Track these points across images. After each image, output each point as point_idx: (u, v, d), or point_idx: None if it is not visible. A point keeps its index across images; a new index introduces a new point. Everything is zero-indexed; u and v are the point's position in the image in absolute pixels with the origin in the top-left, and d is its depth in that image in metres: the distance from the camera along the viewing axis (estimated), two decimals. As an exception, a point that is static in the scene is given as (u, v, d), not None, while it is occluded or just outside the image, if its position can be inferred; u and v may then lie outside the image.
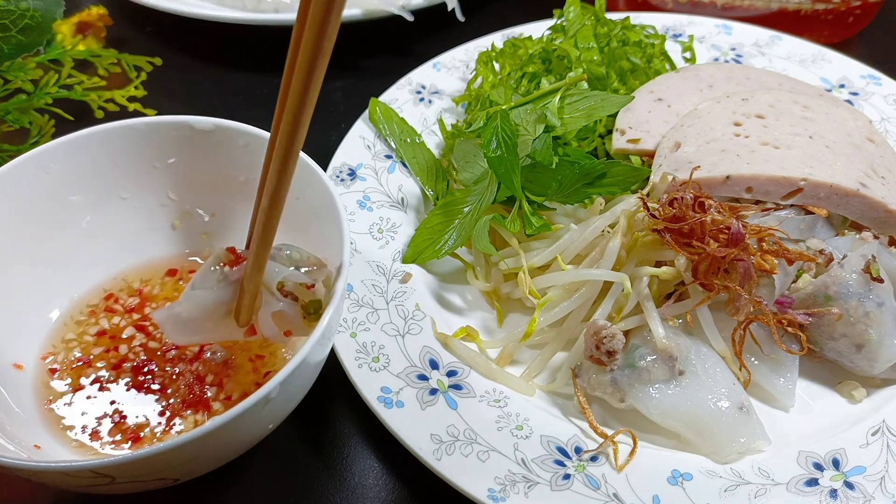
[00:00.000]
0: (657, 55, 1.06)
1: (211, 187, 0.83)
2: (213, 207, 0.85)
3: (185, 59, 1.30)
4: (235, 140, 0.78)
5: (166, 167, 0.82)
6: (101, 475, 0.55)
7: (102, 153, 0.79)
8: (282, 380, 0.59)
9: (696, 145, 0.90)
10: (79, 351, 0.77)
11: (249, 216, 0.79)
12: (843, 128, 0.91)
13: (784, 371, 0.77)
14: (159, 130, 0.79)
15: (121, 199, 0.82)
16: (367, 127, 1.02)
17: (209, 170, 0.81)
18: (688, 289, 0.77)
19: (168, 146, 0.80)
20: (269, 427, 0.67)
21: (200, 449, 0.58)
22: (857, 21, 1.23)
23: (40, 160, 0.76)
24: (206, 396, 0.73)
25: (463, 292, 0.88)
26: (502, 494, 0.67)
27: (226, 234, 0.85)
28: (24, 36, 0.98)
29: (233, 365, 0.76)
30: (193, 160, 0.81)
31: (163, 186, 0.83)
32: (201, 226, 0.85)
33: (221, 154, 0.80)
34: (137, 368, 0.75)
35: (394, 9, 1.20)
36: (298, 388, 0.67)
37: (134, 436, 0.70)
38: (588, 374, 0.75)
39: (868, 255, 0.78)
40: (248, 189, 0.79)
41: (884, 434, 0.73)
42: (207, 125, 0.78)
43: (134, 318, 0.80)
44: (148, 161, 0.81)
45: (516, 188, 0.84)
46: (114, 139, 0.79)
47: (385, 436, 0.73)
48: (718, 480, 0.69)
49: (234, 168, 0.80)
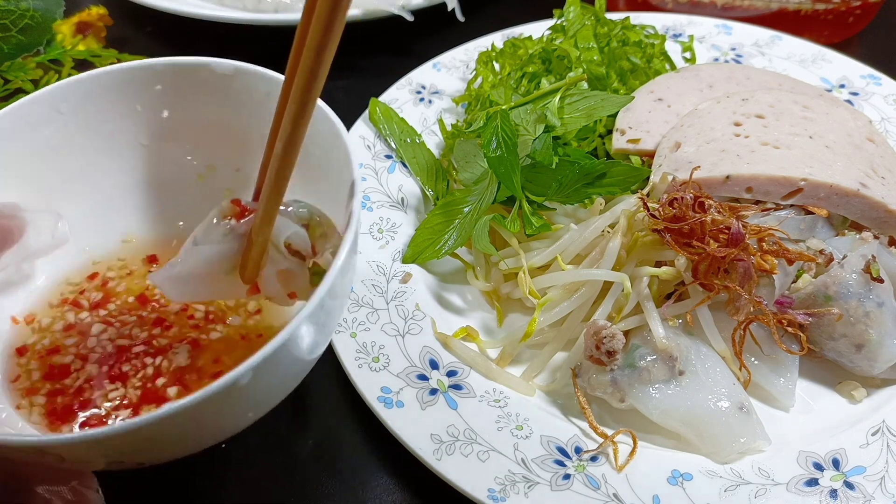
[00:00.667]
0: (657, 55, 1.06)
1: (233, 139, 0.77)
2: (236, 162, 0.78)
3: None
4: (257, 87, 0.72)
5: (187, 113, 0.77)
6: (48, 454, 0.52)
7: (123, 93, 0.74)
8: (255, 365, 0.52)
9: (696, 145, 0.90)
10: (62, 320, 0.74)
11: None
12: (843, 128, 0.91)
13: (784, 371, 0.77)
14: (179, 72, 0.74)
15: (141, 145, 0.78)
16: (367, 127, 1.02)
17: (230, 119, 0.76)
18: (688, 289, 0.77)
19: (188, 90, 0.75)
20: (249, 416, 0.61)
21: (157, 434, 0.53)
22: (858, 21, 1.23)
23: (53, 99, 0.72)
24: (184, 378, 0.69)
25: (463, 292, 0.88)
26: (502, 494, 0.67)
27: (250, 191, 0.79)
28: (25, 36, 0.98)
29: (226, 340, 0.72)
30: (214, 108, 0.76)
31: (184, 135, 0.78)
32: (224, 181, 0.80)
33: (243, 102, 0.74)
34: (120, 345, 0.73)
35: (394, 9, 1.20)
36: (281, 376, 0.60)
37: (99, 419, 0.68)
38: (588, 374, 0.75)
39: (868, 255, 0.78)
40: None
41: (884, 434, 0.73)
42: (228, 68, 0.73)
43: (134, 283, 0.77)
44: (168, 105, 0.76)
45: (516, 188, 0.84)
46: (133, 79, 0.74)
47: (385, 436, 0.73)
48: (718, 480, 0.69)
49: (256, 119, 0.73)
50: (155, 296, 0.78)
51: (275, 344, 0.53)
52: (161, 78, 0.74)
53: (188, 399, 0.51)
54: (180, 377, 0.71)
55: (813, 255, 0.79)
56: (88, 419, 0.69)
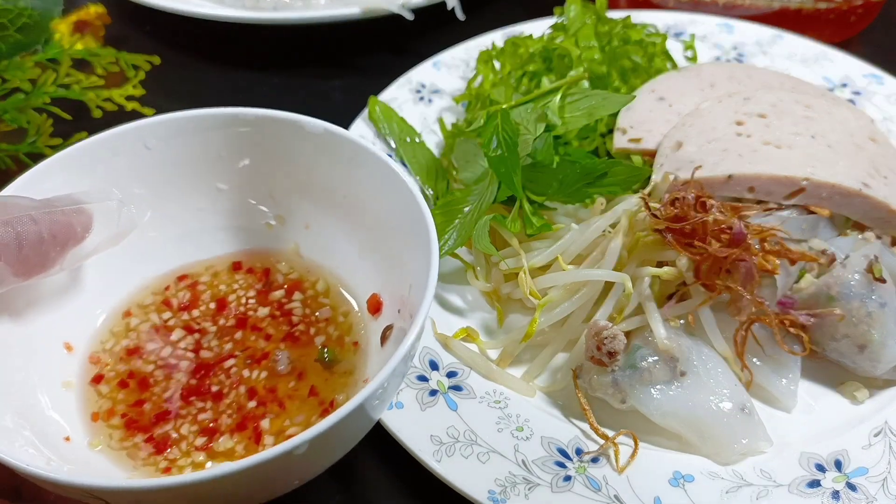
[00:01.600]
0: (658, 54, 1.06)
1: (309, 196, 0.78)
2: (306, 218, 0.79)
3: (183, 57, 1.29)
4: (342, 151, 0.73)
5: (268, 164, 0.78)
6: (94, 497, 0.53)
7: (207, 138, 0.76)
8: (312, 437, 0.51)
9: (698, 145, 0.89)
10: (127, 344, 0.73)
11: (343, 234, 0.77)
12: (845, 127, 0.91)
13: (786, 372, 0.76)
14: (267, 123, 0.75)
15: (218, 189, 0.79)
16: (367, 126, 1.02)
17: (309, 176, 0.77)
18: (689, 289, 0.77)
19: (273, 142, 0.76)
20: (295, 483, 0.60)
21: (198, 494, 0.53)
22: (860, 20, 1.22)
23: (141, 134, 0.74)
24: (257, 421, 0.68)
25: (463, 292, 0.88)
26: (502, 496, 0.67)
27: (315, 248, 0.80)
28: (22, 34, 0.97)
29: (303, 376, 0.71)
30: (296, 163, 0.76)
31: (262, 184, 0.79)
32: (293, 234, 0.81)
33: (324, 163, 0.75)
34: (189, 373, 0.71)
35: (393, 7, 1.19)
36: (339, 442, 0.59)
37: (162, 446, 0.66)
38: (589, 375, 0.75)
39: (871, 255, 0.77)
40: (347, 205, 0.76)
41: (886, 435, 0.72)
42: (317, 128, 0.73)
43: (190, 315, 0.76)
44: (250, 154, 0.77)
45: (517, 188, 0.84)
46: (222, 125, 0.75)
47: (385, 437, 0.72)
48: (720, 482, 0.69)
49: (335, 180, 0.75)
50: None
51: (335, 417, 0.53)
52: (249, 127, 0.76)
53: (221, 468, 0.50)
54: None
55: (815, 255, 0.79)
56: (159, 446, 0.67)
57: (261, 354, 0.73)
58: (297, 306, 0.77)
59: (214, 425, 0.68)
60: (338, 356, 0.72)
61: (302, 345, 0.74)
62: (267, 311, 0.77)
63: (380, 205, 0.72)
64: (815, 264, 0.80)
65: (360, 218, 0.76)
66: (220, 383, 0.71)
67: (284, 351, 0.73)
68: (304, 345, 0.74)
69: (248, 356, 0.73)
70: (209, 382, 0.71)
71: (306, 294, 0.78)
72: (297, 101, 1.20)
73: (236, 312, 0.77)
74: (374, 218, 0.74)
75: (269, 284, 0.79)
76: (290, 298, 0.78)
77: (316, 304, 0.77)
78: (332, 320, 0.76)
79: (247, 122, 0.75)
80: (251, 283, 0.79)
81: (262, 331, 0.75)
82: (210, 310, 0.77)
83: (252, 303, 0.78)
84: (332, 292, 0.78)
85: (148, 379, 0.71)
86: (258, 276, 0.80)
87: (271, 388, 0.70)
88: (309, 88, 1.22)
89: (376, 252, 0.75)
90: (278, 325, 0.76)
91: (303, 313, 0.77)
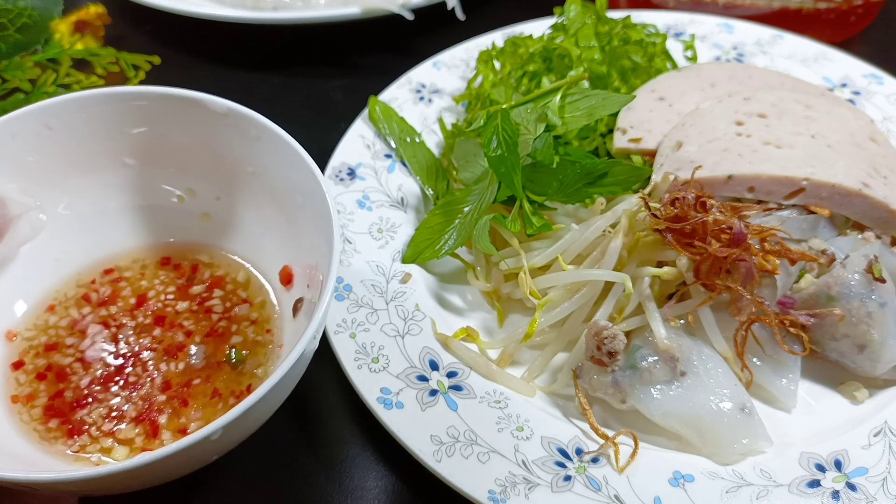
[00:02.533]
0: (658, 54, 1.06)
1: (218, 170, 0.80)
2: (217, 191, 0.82)
3: (183, 57, 1.29)
4: (248, 129, 0.75)
5: (174, 140, 0.79)
6: (20, 485, 0.55)
7: (111, 115, 0.77)
8: (225, 424, 0.55)
9: (698, 144, 0.89)
10: (46, 338, 0.76)
11: (254, 207, 0.79)
12: (845, 127, 0.91)
13: (786, 372, 0.76)
14: (171, 102, 0.76)
15: (125, 164, 0.80)
16: (367, 126, 1.02)
17: (217, 153, 0.78)
18: (689, 289, 0.77)
19: (178, 120, 0.77)
20: (213, 458, 0.64)
21: (121, 480, 0.56)
22: (859, 20, 1.22)
23: (42, 114, 0.74)
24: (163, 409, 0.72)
25: (463, 292, 0.88)
26: (503, 496, 0.67)
27: (229, 220, 0.83)
28: (22, 34, 0.97)
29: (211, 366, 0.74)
30: (204, 139, 0.78)
31: (170, 159, 0.80)
32: (204, 206, 0.83)
33: (231, 140, 0.77)
34: (107, 364, 0.74)
35: (394, 7, 1.19)
36: (252, 422, 0.63)
37: (74, 432, 0.70)
38: (589, 375, 0.75)
39: (870, 255, 0.77)
40: (255, 181, 0.78)
41: (886, 435, 0.72)
42: (221, 108, 0.75)
43: (108, 311, 0.79)
44: (156, 130, 0.78)
45: (517, 188, 0.84)
46: (125, 102, 0.76)
47: (385, 437, 0.72)
48: (720, 482, 0.69)
49: (242, 156, 0.77)
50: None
51: (245, 405, 0.56)
52: (153, 104, 0.77)
53: (157, 453, 0.54)
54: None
55: (815, 255, 0.79)
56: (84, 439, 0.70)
57: (176, 347, 0.76)
58: (217, 303, 0.80)
59: (121, 413, 0.71)
60: (245, 357, 0.75)
61: (219, 340, 0.77)
62: (186, 306, 0.79)
63: (284, 181, 0.74)
64: (815, 264, 0.80)
65: (269, 193, 0.78)
66: (136, 375, 0.74)
67: (201, 345, 0.76)
68: (221, 340, 0.77)
69: (164, 350, 0.76)
70: (124, 375, 0.74)
71: (226, 290, 0.81)
72: (298, 101, 1.21)
73: (155, 308, 0.79)
74: (281, 193, 0.76)
75: (191, 280, 0.82)
76: (211, 294, 0.80)
77: (236, 298, 0.80)
78: (247, 317, 0.78)
79: (148, 97, 0.76)
80: (173, 278, 0.82)
81: (182, 326, 0.78)
82: (130, 305, 0.80)
83: (171, 299, 0.80)
84: (251, 284, 0.81)
85: (65, 370, 0.74)
86: (182, 272, 0.82)
87: (185, 382, 0.73)
88: (309, 88, 1.22)
89: (286, 225, 0.77)
90: (198, 320, 0.78)
91: (222, 308, 0.79)
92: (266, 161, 0.76)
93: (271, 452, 0.76)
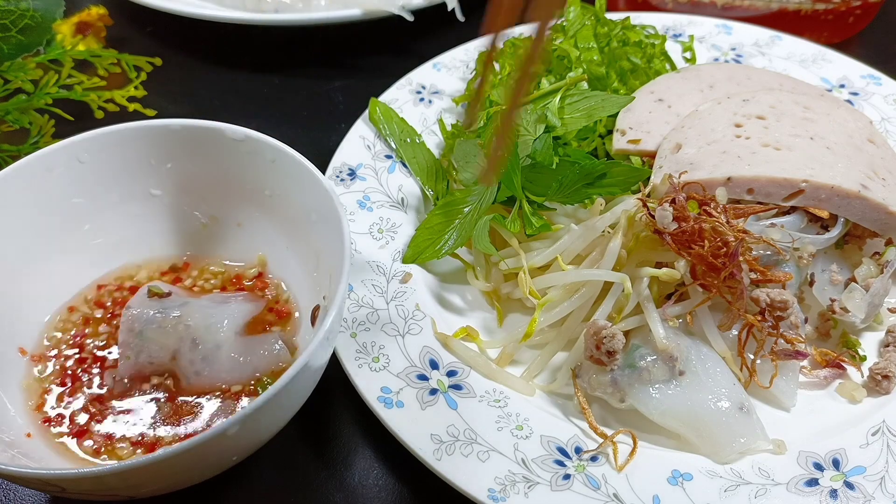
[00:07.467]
0: (657, 55, 1.06)
1: (238, 197, 0.83)
2: (238, 217, 0.85)
3: (185, 59, 1.30)
4: (264, 153, 0.78)
5: (195, 169, 0.82)
6: (50, 484, 0.56)
7: (136, 149, 0.81)
8: (242, 417, 0.57)
9: (697, 146, 0.90)
10: (72, 346, 0.78)
11: (273, 230, 0.83)
12: (843, 129, 0.91)
13: (785, 371, 0.77)
14: (193, 132, 0.80)
15: (152, 195, 0.84)
16: (367, 127, 1.02)
17: (236, 178, 0.82)
18: (688, 289, 0.77)
19: (201, 149, 0.81)
20: (234, 459, 0.66)
21: (144, 477, 0.58)
22: (858, 21, 1.23)
23: (73, 150, 0.78)
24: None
25: (463, 292, 0.88)
26: (502, 494, 0.67)
27: (251, 244, 0.85)
28: (24, 36, 0.98)
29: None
30: (225, 166, 0.81)
31: (193, 188, 0.84)
32: (226, 233, 0.86)
33: (249, 165, 0.80)
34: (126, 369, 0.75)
35: (394, 9, 1.20)
36: (272, 420, 0.65)
37: (111, 445, 0.71)
38: (588, 375, 0.75)
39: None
40: (273, 204, 0.81)
41: (884, 434, 0.73)
42: (239, 135, 0.79)
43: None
44: (178, 161, 0.82)
45: (517, 188, 0.84)
46: (150, 136, 0.80)
47: (385, 436, 0.73)
48: (718, 480, 0.69)
49: (260, 181, 0.81)
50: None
51: (263, 399, 0.58)
52: (176, 136, 0.81)
53: (165, 451, 0.55)
54: None
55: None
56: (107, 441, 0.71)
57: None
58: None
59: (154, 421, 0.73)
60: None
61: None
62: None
63: (301, 200, 0.78)
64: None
65: (285, 212, 0.81)
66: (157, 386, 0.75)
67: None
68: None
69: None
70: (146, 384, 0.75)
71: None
72: (298, 102, 1.21)
73: None
74: (297, 212, 0.79)
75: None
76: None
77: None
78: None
79: (172, 131, 0.80)
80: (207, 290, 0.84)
81: None
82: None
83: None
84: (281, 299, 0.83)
85: (81, 375, 0.76)
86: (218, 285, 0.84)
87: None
88: (309, 89, 1.23)
89: (300, 243, 0.80)
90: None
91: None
92: (282, 182, 0.79)
93: (272, 452, 0.77)
